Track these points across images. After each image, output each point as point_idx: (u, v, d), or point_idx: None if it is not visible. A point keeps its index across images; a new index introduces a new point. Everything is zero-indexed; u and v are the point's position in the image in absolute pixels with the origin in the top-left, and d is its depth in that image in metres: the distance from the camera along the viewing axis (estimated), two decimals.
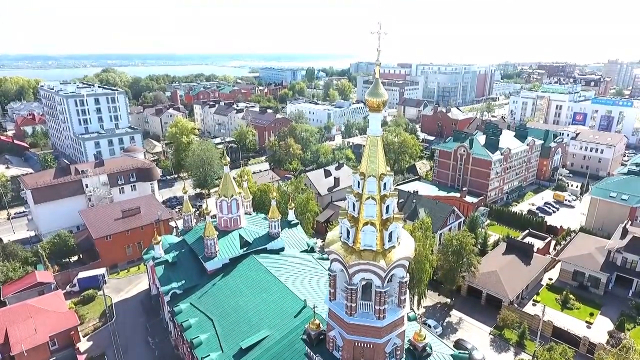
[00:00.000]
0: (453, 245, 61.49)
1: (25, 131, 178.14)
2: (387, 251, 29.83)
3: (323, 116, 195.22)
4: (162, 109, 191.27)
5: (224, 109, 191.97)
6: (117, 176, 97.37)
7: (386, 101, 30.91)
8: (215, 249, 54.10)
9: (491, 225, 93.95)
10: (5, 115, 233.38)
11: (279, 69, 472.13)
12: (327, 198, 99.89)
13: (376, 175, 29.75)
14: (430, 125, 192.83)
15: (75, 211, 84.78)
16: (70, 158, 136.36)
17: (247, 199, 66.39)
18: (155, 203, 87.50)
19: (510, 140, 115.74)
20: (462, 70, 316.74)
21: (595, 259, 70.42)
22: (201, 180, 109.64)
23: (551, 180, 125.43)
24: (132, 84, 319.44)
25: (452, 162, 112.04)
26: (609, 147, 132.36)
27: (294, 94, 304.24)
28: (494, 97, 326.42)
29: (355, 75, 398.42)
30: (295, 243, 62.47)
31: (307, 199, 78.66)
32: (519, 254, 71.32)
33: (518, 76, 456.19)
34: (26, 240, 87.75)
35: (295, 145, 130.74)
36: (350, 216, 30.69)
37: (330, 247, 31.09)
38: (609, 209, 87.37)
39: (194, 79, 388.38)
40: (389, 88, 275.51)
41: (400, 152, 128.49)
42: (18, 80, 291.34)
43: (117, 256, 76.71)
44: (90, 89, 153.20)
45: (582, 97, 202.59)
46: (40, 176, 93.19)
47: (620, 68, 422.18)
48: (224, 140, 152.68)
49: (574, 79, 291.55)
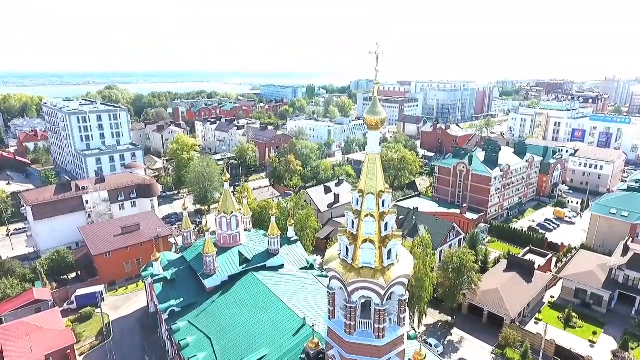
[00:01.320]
0: (453, 263, 61.16)
1: (27, 147, 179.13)
2: (386, 269, 29.74)
3: (323, 133, 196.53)
4: (164, 125, 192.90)
5: (225, 125, 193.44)
6: (118, 192, 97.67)
7: (384, 119, 31.29)
8: (214, 266, 53.83)
9: (492, 242, 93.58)
10: (8, 132, 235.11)
11: (280, 86, 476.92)
12: (327, 214, 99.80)
13: (375, 192, 29.89)
14: (430, 142, 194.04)
15: (75, 227, 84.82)
16: (72, 174, 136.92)
17: (247, 216, 66.35)
18: (155, 219, 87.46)
19: (510, 156, 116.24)
20: (461, 87, 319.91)
21: (597, 277, 69.91)
22: (201, 197, 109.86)
23: (551, 197, 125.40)
24: (135, 101, 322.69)
25: (452, 178, 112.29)
26: (609, 163, 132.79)
27: (295, 110, 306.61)
28: (493, 114, 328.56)
29: (356, 92, 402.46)
30: (294, 260, 62.16)
31: (307, 215, 78.54)
32: (520, 272, 70.82)
33: (516, 93, 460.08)
34: (25, 256, 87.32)
35: (295, 161, 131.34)
36: (349, 233, 30.71)
37: (329, 265, 31.02)
38: (610, 226, 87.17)
39: (196, 96, 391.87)
40: (388, 105, 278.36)
41: (400, 168, 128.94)
42: (22, 97, 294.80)
43: (116, 273, 76.29)
44: (92, 106, 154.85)
45: (580, 114, 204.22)
46: (41, 192, 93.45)
47: (617, 85, 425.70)
48: (224, 157, 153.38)
49: (572, 96, 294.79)
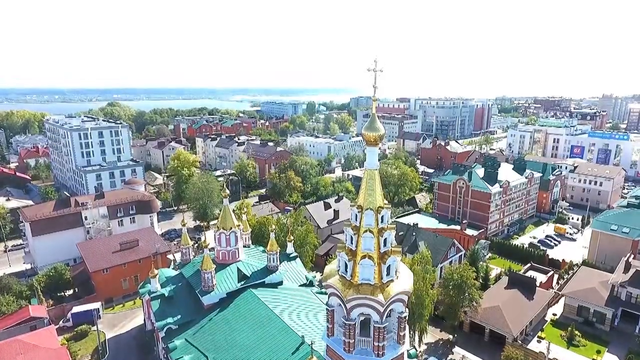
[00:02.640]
0: (454, 279, 60.57)
1: (28, 163, 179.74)
2: (386, 285, 29.51)
3: (323, 149, 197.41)
4: (165, 142, 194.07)
5: (226, 141, 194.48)
6: (117, 208, 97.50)
7: (383, 135, 31.51)
8: (212, 282, 53.35)
9: (492, 258, 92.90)
10: (10, 148, 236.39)
11: (280, 103, 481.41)
12: (326, 231, 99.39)
13: (374, 208, 29.88)
14: (430, 158, 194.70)
15: (73, 244, 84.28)
16: (71, 190, 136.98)
17: (246, 232, 66.08)
18: (154, 236, 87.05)
19: (509, 173, 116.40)
20: (459, 104, 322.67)
21: (599, 294, 69.13)
22: (201, 213, 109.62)
23: (551, 213, 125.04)
24: (136, 117, 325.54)
25: (452, 194, 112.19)
26: (608, 179, 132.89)
27: (295, 127, 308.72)
28: (492, 131, 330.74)
29: (355, 109, 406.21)
30: (293, 276, 61.66)
31: (306, 231, 78.22)
32: (522, 288, 70.06)
33: (515, 110, 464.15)
34: (22, 273, 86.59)
35: (295, 177, 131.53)
36: (348, 249, 30.57)
37: (328, 281, 30.76)
38: (611, 242, 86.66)
39: (197, 112, 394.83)
40: (388, 122, 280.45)
41: (400, 184, 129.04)
42: (24, 113, 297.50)
43: (113, 290, 75.46)
44: (94, 122, 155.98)
45: (578, 131, 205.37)
46: (40, 208, 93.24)
47: (615, 102, 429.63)
48: (224, 173, 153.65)
49: (570, 113, 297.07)
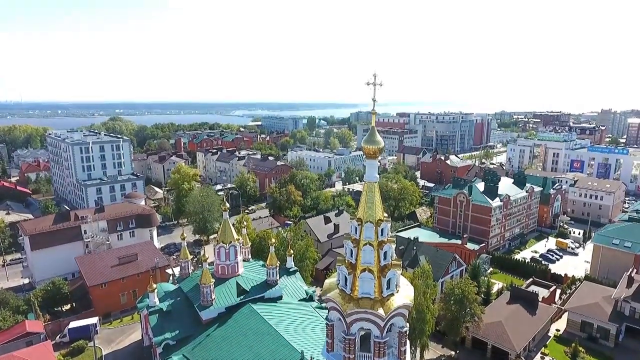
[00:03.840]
0: (455, 294, 59.94)
1: (29, 177, 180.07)
2: (386, 299, 29.20)
3: (324, 163, 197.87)
4: (165, 156, 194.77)
5: (226, 156, 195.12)
6: (117, 222, 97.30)
7: (382, 148, 31.62)
8: (211, 297, 52.81)
9: (494, 273, 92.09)
10: (11, 162, 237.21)
11: (281, 117, 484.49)
12: (326, 245, 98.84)
13: (373, 221, 29.77)
14: (430, 172, 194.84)
15: (72, 258, 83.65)
16: (71, 204, 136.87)
17: (246, 246, 65.74)
18: (153, 250, 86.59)
19: (510, 187, 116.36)
20: (459, 119, 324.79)
21: (602, 309, 68.27)
22: (201, 227, 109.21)
23: (552, 227, 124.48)
24: (138, 131, 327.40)
25: (452, 208, 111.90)
26: (609, 194, 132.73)
27: (295, 141, 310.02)
28: (492, 145, 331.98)
29: (356, 123, 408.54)
30: (293, 291, 61.09)
31: (306, 245, 77.82)
32: (524, 304, 69.24)
33: (514, 125, 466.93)
34: (20, 288, 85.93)
35: (295, 191, 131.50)
36: (347, 263, 30.35)
37: (327, 295, 30.47)
38: (613, 257, 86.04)
39: (199, 127, 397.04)
40: (388, 136, 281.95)
41: (400, 198, 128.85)
42: (27, 128, 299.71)
43: (111, 304, 74.67)
44: (96, 137, 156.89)
45: (578, 145, 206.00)
46: (39, 222, 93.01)
47: (614, 117, 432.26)
48: (224, 187, 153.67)
49: (569, 128, 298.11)
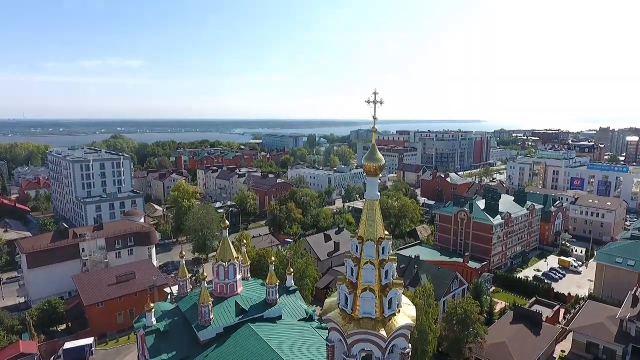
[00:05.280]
0: (458, 314, 59.04)
1: (28, 195, 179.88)
2: (387, 319, 28.61)
3: (324, 181, 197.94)
4: (166, 173, 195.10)
5: (227, 173, 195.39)
6: (115, 240, 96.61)
7: (383, 166, 31.48)
8: (209, 316, 51.81)
9: (496, 292, 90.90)
10: (12, 179, 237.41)
11: (281, 135, 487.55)
12: (326, 263, 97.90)
13: (374, 238, 29.46)
14: (430, 190, 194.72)
15: (69, 276, 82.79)
16: (70, 221, 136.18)
17: (245, 264, 65.01)
18: (151, 268, 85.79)
19: (510, 204, 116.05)
20: (458, 137, 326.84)
21: (608, 329, 67.01)
22: (200, 245, 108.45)
23: (554, 245, 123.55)
24: (139, 149, 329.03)
25: (453, 226, 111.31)
26: (610, 211, 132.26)
27: (296, 159, 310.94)
28: (491, 163, 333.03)
29: (356, 141, 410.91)
30: (293, 310, 59.97)
31: (306, 264, 77.05)
32: (528, 324, 68.04)
33: (513, 143, 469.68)
34: (15, 307, 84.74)
35: (295, 209, 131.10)
36: (348, 282, 29.88)
37: (328, 315, 29.88)
38: (616, 275, 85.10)
39: (199, 145, 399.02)
40: (388, 154, 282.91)
41: (401, 216, 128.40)
42: (28, 145, 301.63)
43: (108, 324, 73.45)
44: (96, 154, 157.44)
45: (577, 163, 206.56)
46: (37, 240, 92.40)
47: (612, 135, 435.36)
48: (224, 204, 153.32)
49: (568, 145, 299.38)
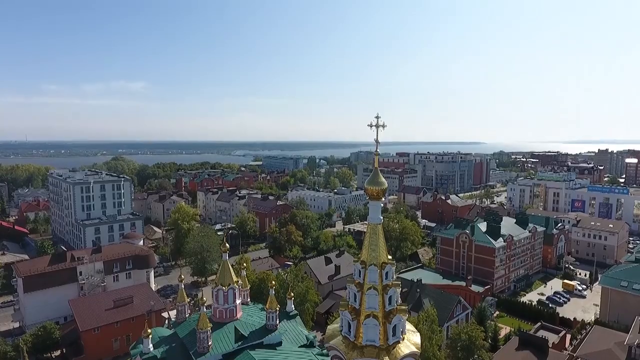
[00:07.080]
0: (462, 340, 57.71)
1: (27, 217, 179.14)
2: (392, 347, 27.84)
3: (324, 203, 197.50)
4: (166, 195, 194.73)
5: (227, 195, 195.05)
6: (113, 263, 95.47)
7: (386, 189, 31.36)
8: (208, 343, 50.52)
9: (500, 316, 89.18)
10: (11, 201, 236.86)
11: (282, 157, 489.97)
12: (327, 287, 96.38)
13: (377, 263, 29.02)
14: (431, 212, 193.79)
15: (66, 300, 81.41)
16: (69, 244, 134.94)
17: (245, 288, 63.95)
18: (149, 292, 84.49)
19: (512, 227, 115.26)
20: (458, 159, 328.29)
21: (616, 356, 65.12)
22: (199, 268, 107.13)
23: (557, 268, 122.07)
24: (139, 171, 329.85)
25: (455, 249, 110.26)
26: (613, 234, 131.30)
27: (296, 181, 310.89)
28: (492, 185, 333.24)
29: (356, 163, 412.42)
30: (293, 337, 58.55)
31: (307, 288, 75.86)
32: (534, 350, 66.11)
33: (513, 165, 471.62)
34: (9, 332, 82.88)
35: (296, 231, 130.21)
36: (351, 307, 29.23)
37: (330, 343, 29.11)
38: (623, 299, 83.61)
39: (200, 166, 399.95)
40: (388, 176, 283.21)
41: (402, 238, 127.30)
42: (29, 167, 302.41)
43: (103, 351, 71.66)
44: (97, 176, 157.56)
45: (577, 185, 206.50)
46: (34, 263, 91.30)
47: (611, 157, 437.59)
48: (224, 227, 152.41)
49: (567, 167, 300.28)
